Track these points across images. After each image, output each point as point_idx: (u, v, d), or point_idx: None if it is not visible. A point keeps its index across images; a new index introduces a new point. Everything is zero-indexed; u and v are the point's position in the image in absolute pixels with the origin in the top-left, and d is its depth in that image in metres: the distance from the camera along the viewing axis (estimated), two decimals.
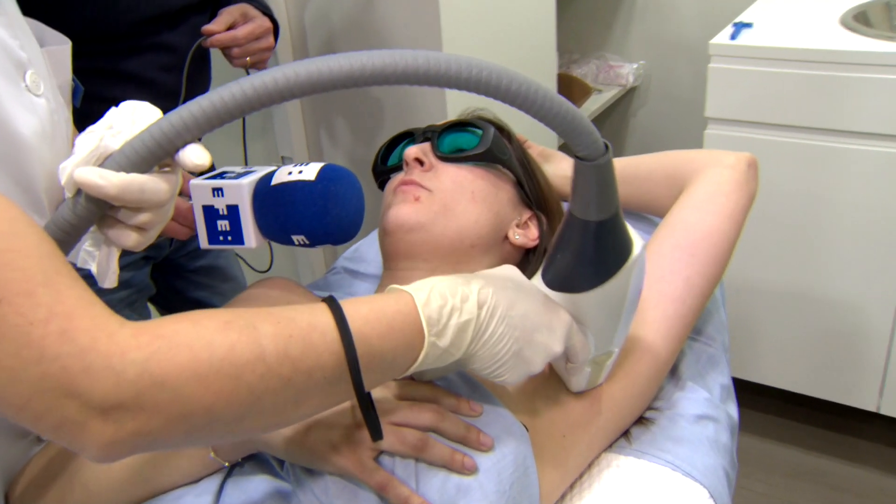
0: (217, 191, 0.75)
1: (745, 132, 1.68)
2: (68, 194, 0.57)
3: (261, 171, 0.78)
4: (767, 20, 1.75)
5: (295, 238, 0.75)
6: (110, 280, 0.64)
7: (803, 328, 1.82)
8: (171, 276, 1.35)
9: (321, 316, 0.55)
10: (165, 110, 1.13)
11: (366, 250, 1.18)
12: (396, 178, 0.93)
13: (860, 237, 1.66)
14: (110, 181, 0.55)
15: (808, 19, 1.74)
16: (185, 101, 1.15)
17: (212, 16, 1.21)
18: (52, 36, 0.71)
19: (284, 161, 1.86)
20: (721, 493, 0.80)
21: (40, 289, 0.46)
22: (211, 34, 1.16)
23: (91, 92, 0.93)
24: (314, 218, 0.73)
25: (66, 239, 0.57)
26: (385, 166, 0.98)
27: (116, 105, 0.63)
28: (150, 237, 0.62)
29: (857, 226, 1.65)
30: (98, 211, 0.57)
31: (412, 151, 0.91)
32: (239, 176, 0.78)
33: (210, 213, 0.75)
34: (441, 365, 0.62)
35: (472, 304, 0.61)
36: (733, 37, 1.66)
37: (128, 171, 0.55)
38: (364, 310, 0.57)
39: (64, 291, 0.47)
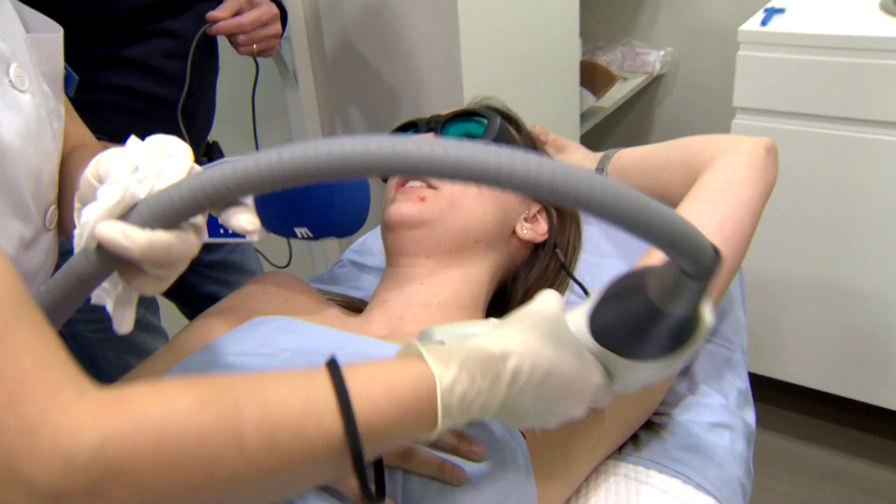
0: None
1: (774, 122, 1.62)
2: (90, 246, 0.52)
3: None
4: (801, 5, 1.69)
5: (298, 231, 0.72)
6: (127, 325, 0.59)
7: (831, 324, 1.77)
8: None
9: (320, 395, 0.48)
10: (170, 98, 1.13)
11: (373, 243, 1.16)
12: None
13: (892, 230, 1.61)
14: (135, 242, 0.49)
15: (844, 4, 1.68)
16: (189, 90, 1.15)
17: (218, 2, 1.18)
18: (43, 23, 0.68)
19: None
20: None
21: None
22: (216, 21, 1.14)
23: (94, 80, 0.92)
24: (318, 210, 0.70)
25: (81, 289, 0.53)
26: None
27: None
28: (168, 283, 0.57)
29: (890, 219, 1.60)
30: (121, 263, 0.52)
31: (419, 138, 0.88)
32: None
33: None
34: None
35: (503, 385, 0.54)
36: (764, 23, 1.61)
37: (153, 226, 0.50)
38: (375, 389, 0.50)
39: (20, 347, 0.41)
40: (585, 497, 0.76)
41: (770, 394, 1.95)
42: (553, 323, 0.59)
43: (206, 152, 1.33)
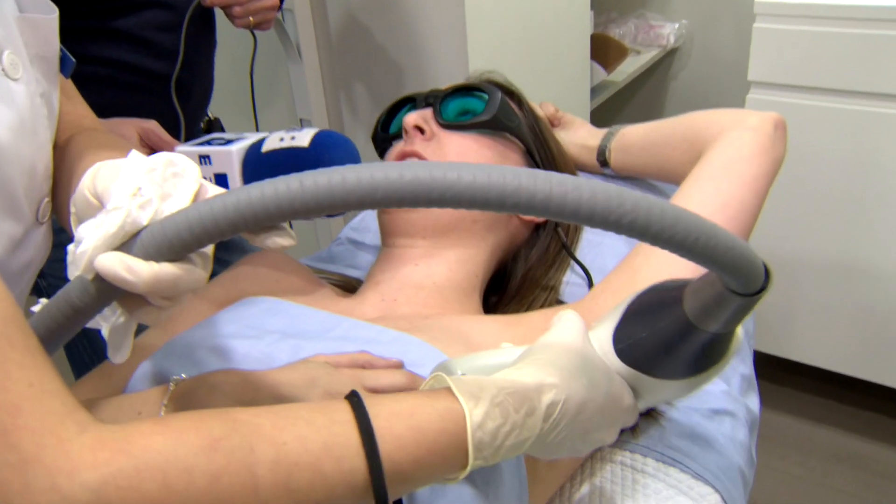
0: (205, 158, 0.70)
1: (790, 97, 1.59)
2: (87, 277, 0.47)
3: (251, 138, 0.72)
4: None
5: None
6: (123, 355, 0.55)
7: (845, 304, 1.75)
8: None
9: (340, 433, 0.44)
10: (163, 71, 1.11)
11: (371, 220, 1.13)
12: (395, 148, 0.89)
13: None
14: (140, 276, 0.45)
15: None
16: (184, 63, 1.12)
17: None
18: (37, 3, 0.65)
19: (303, 124, 1.81)
20: (735, 497, 0.74)
21: None
22: None
23: (84, 52, 0.89)
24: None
25: (76, 319, 0.49)
26: (386, 133, 0.93)
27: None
28: (167, 315, 0.53)
29: None
30: (119, 294, 0.47)
31: (412, 118, 0.86)
32: (228, 142, 0.72)
33: None
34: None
35: (537, 420, 0.51)
36: None
37: (159, 259, 0.46)
38: (400, 427, 0.46)
39: (13, 375, 0.38)
40: (580, 485, 0.74)
41: (782, 374, 1.94)
42: (581, 353, 0.56)
43: (207, 128, 1.31)
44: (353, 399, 0.46)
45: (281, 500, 0.42)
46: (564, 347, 0.56)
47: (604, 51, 2.06)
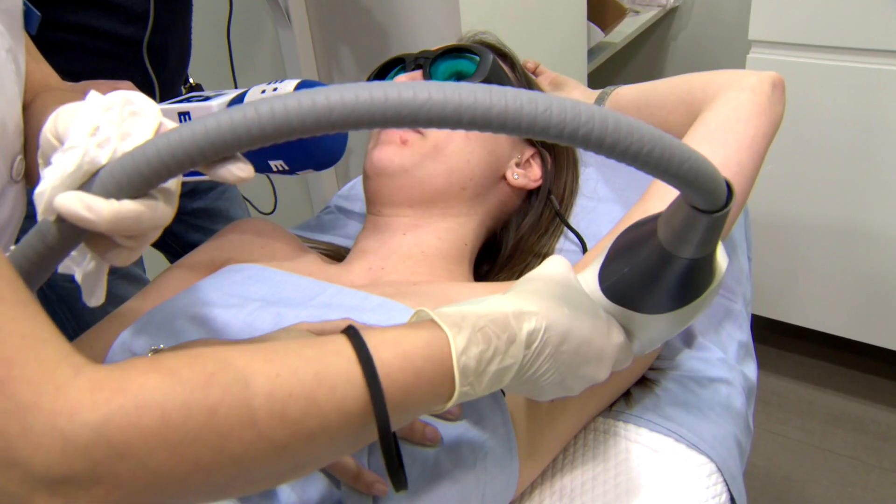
0: (184, 115, 0.68)
1: (792, 55, 1.57)
2: (49, 219, 0.46)
3: (232, 93, 0.70)
4: None
5: (273, 164, 0.68)
6: (97, 298, 0.55)
7: (847, 267, 1.74)
8: None
9: (333, 361, 0.45)
10: (135, 37, 1.07)
11: (361, 189, 1.11)
12: None
13: None
14: (100, 214, 0.44)
15: None
16: (156, 27, 1.09)
17: None
18: None
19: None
20: (730, 466, 0.72)
21: None
22: None
23: (53, 17, 0.86)
24: (293, 141, 0.65)
25: (44, 264, 0.48)
26: None
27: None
28: (138, 254, 0.53)
29: None
30: (85, 234, 0.47)
31: (401, 80, 0.83)
32: (208, 99, 0.70)
33: None
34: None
35: (519, 347, 0.51)
36: None
37: (119, 196, 0.45)
38: (387, 354, 0.47)
39: (5, 329, 0.38)
40: (573, 455, 0.73)
41: (783, 338, 1.94)
42: (564, 284, 0.56)
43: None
44: (349, 329, 0.47)
45: (278, 430, 0.42)
46: (546, 279, 0.56)
47: (601, 11, 2.02)
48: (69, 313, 1.26)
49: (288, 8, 1.66)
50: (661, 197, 0.79)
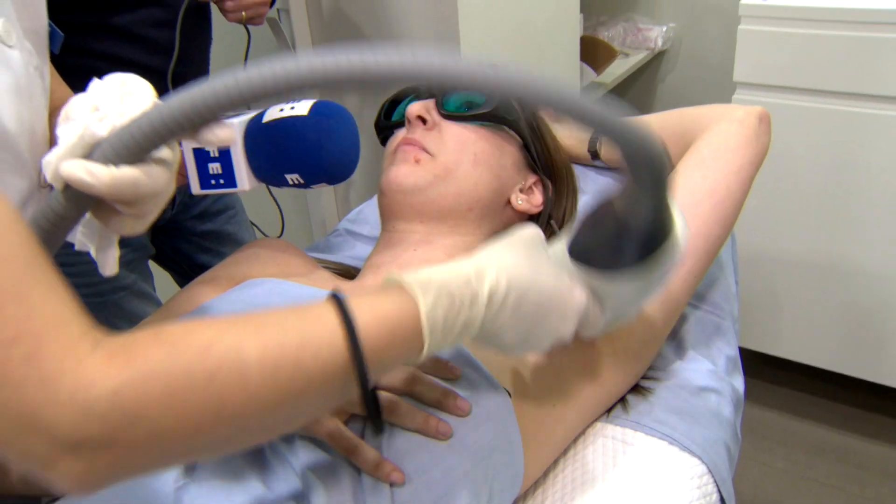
0: None
1: (774, 97, 1.62)
2: (56, 187, 0.52)
3: (250, 113, 0.75)
4: None
5: (289, 178, 0.72)
6: (111, 267, 0.60)
7: (828, 300, 1.78)
8: (177, 238, 1.34)
9: (316, 328, 0.50)
10: (159, 67, 1.13)
11: (369, 212, 1.16)
12: (398, 136, 0.91)
13: (891, 207, 1.61)
14: (99, 178, 0.50)
15: None
16: (179, 58, 1.15)
17: None
18: None
19: None
20: (720, 469, 0.77)
21: (11, 305, 0.42)
22: None
23: (81, 45, 0.91)
24: (308, 154, 0.70)
25: (55, 232, 0.53)
26: (388, 121, 0.96)
27: (104, 70, 0.59)
28: (148, 222, 0.58)
29: (890, 195, 1.60)
30: (90, 203, 0.53)
31: (415, 108, 0.89)
32: (229, 117, 0.75)
33: (201, 156, 0.72)
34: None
35: (482, 301, 0.56)
36: None
37: (118, 163, 0.50)
38: (365, 316, 0.51)
39: (37, 307, 0.43)
40: (573, 458, 0.77)
41: (766, 370, 1.96)
42: (528, 242, 0.61)
43: None
44: (334, 297, 0.52)
45: (269, 392, 0.47)
46: (511, 240, 0.61)
47: (593, 53, 2.08)
48: None
49: (294, 42, 1.72)
50: None
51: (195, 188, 0.73)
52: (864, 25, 1.49)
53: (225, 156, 0.71)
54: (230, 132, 0.53)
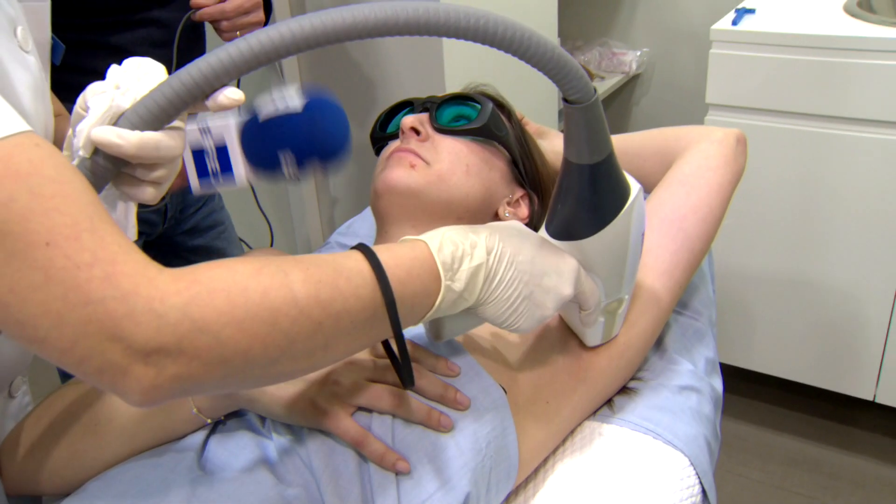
0: (205, 131, 0.75)
1: (745, 119, 1.67)
2: (85, 154, 0.56)
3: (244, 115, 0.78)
4: (770, 6, 1.75)
5: (282, 157, 0.74)
6: (131, 233, 0.64)
7: (801, 316, 1.82)
8: (168, 254, 1.36)
9: (346, 262, 0.57)
10: None
11: (359, 226, 1.19)
12: (392, 145, 0.94)
13: (860, 225, 1.66)
14: (128, 140, 0.55)
15: (811, 5, 1.74)
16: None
17: None
18: None
19: None
20: (702, 462, 0.81)
21: (85, 234, 0.47)
22: (200, 7, 1.16)
23: (79, 64, 0.94)
24: (300, 131, 0.72)
25: None
26: (383, 133, 0.99)
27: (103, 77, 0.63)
28: (164, 190, 0.63)
29: (857, 214, 1.65)
30: (115, 169, 0.57)
31: (409, 120, 0.92)
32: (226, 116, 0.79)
33: (199, 154, 0.75)
34: (456, 311, 0.64)
35: (482, 250, 0.63)
36: (735, 22, 1.67)
37: (141, 129, 0.55)
38: (384, 256, 0.58)
39: (107, 238, 0.48)
40: (562, 453, 0.81)
41: (742, 384, 2.00)
42: (512, 225, 0.68)
43: None
44: (357, 245, 0.60)
45: (314, 309, 0.53)
46: (495, 223, 0.69)
47: None
48: None
49: (282, 65, 1.76)
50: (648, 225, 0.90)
51: (195, 186, 0.76)
52: (829, 51, 1.55)
53: (223, 153, 0.74)
54: (240, 94, 0.59)
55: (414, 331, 0.73)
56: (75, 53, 0.94)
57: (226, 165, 0.73)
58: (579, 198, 0.67)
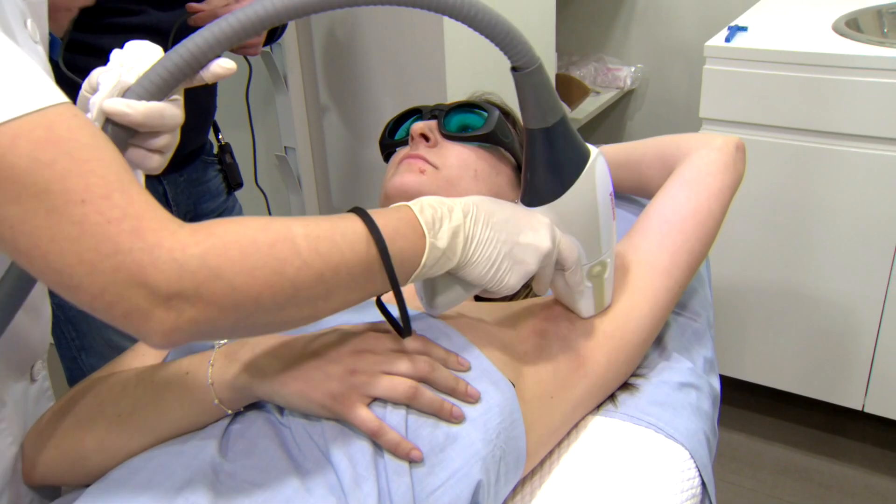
0: None
1: (738, 132, 1.65)
2: (96, 125, 0.61)
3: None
4: (762, 24, 1.79)
5: None
6: None
7: (791, 328, 1.85)
8: None
9: (341, 221, 0.63)
10: None
11: None
12: (402, 151, 0.97)
13: (849, 238, 1.69)
14: (136, 109, 0.60)
15: (801, 24, 1.78)
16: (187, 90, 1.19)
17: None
18: None
19: (287, 152, 1.90)
20: (702, 455, 0.84)
21: (116, 193, 0.52)
22: (195, 12, 1.18)
23: (75, 64, 0.96)
24: None
25: None
26: (392, 139, 1.02)
27: None
28: (167, 159, 0.68)
29: (846, 226, 1.68)
30: (125, 137, 0.62)
31: (419, 127, 0.96)
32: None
33: None
34: (442, 270, 0.69)
35: (458, 213, 0.69)
36: (728, 39, 1.70)
37: (147, 100, 0.61)
38: (375, 217, 0.64)
39: (135, 197, 0.53)
40: (567, 446, 0.83)
41: (734, 394, 2.01)
42: (485, 196, 0.74)
43: (220, 151, 1.38)
44: (354, 209, 0.65)
45: (315, 260, 0.59)
46: (470, 196, 0.74)
47: (567, 89, 2.17)
48: (75, 332, 1.31)
49: (286, 76, 1.79)
50: (643, 232, 0.93)
51: None
52: (818, 68, 1.59)
53: None
54: (232, 64, 0.65)
55: (422, 325, 0.76)
56: (71, 54, 0.96)
57: None
58: (542, 162, 0.73)
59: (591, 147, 0.77)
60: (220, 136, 1.43)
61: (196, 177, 1.40)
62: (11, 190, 0.50)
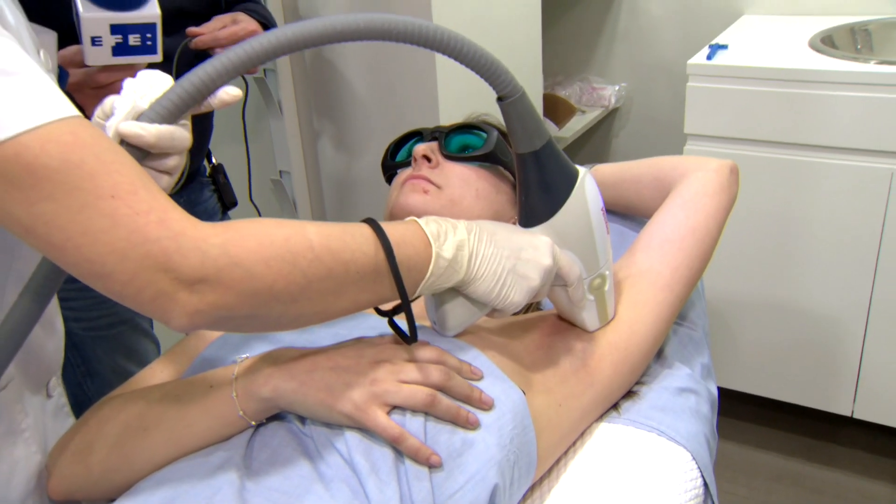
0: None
1: (721, 147, 1.75)
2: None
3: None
4: (742, 43, 1.84)
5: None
6: None
7: (781, 338, 1.88)
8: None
9: (351, 226, 0.68)
10: None
11: None
12: (405, 173, 1.01)
13: (832, 248, 1.73)
14: (149, 131, 0.64)
15: (779, 42, 1.84)
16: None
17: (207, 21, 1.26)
18: (38, 28, 0.80)
19: (282, 175, 1.92)
20: (703, 457, 0.87)
21: (142, 190, 0.57)
22: (196, 35, 1.21)
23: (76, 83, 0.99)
24: None
25: None
26: (394, 161, 1.06)
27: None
28: (175, 179, 0.71)
29: (831, 237, 1.72)
30: (138, 157, 0.66)
31: (421, 149, 0.99)
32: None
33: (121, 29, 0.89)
34: (449, 283, 0.72)
35: (462, 230, 0.74)
36: (710, 57, 1.75)
37: (159, 123, 0.65)
38: (385, 226, 0.69)
39: (158, 194, 0.59)
40: (574, 452, 0.86)
41: (726, 404, 2.03)
42: (485, 220, 0.78)
43: (213, 172, 1.41)
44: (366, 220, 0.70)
45: (326, 256, 0.64)
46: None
47: (554, 109, 2.20)
48: (80, 359, 1.33)
49: (280, 101, 1.81)
50: (645, 249, 0.96)
51: (108, 57, 0.91)
52: (794, 83, 1.64)
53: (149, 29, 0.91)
54: (237, 92, 0.69)
55: (434, 337, 0.79)
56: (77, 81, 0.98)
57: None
58: (535, 183, 0.77)
59: (579, 167, 0.81)
60: (213, 158, 1.46)
61: (194, 198, 1.43)
62: (45, 189, 0.54)
